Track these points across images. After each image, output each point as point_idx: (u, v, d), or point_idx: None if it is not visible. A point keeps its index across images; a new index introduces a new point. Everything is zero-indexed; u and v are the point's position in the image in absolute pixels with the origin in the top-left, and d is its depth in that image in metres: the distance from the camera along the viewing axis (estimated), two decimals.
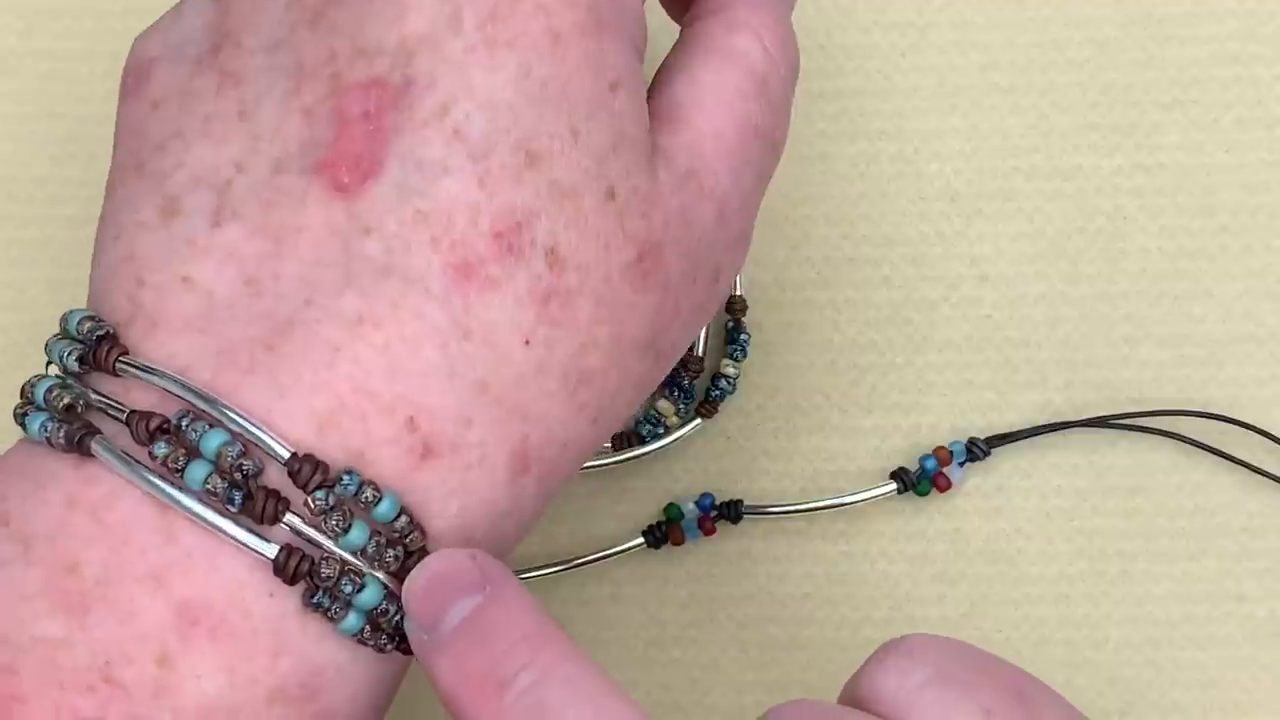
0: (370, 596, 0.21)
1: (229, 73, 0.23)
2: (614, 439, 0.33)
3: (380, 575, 0.21)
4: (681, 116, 0.24)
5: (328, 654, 0.21)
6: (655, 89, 0.25)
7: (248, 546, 0.21)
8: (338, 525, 0.21)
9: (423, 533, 0.21)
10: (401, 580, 0.21)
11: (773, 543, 0.33)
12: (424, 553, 0.21)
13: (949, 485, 0.33)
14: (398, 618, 0.21)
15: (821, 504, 0.33)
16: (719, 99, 0.25)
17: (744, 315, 0.33)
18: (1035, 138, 0.34)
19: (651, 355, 0.24)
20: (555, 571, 0.33)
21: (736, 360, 0.33)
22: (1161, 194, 0.34)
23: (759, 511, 0.33)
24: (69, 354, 0.22)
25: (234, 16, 0.23)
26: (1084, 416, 0.33)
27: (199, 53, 0.23)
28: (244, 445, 0.21)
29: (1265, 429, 0.33)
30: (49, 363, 0.22)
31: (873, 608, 0.33)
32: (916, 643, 0.21)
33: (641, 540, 0.33)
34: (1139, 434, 0.33)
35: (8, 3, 0.35)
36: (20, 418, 0.22)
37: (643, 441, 0.33)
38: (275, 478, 0.21)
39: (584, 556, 0.33)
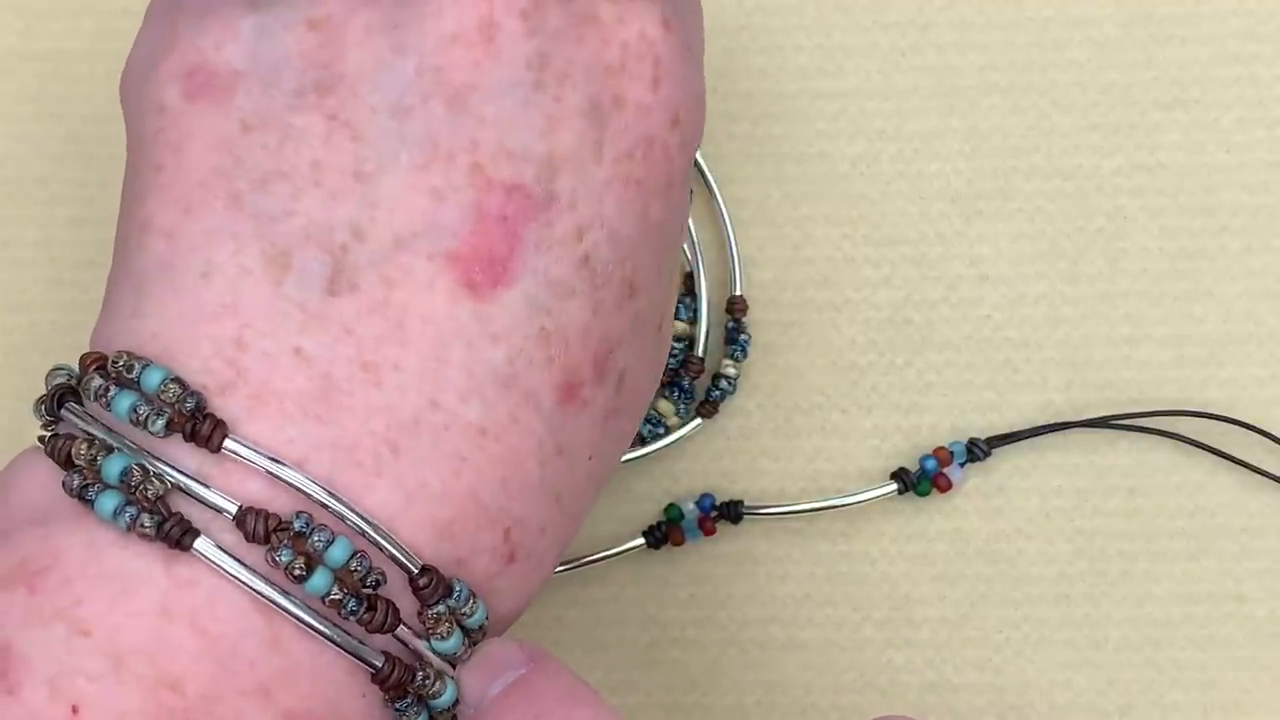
0: (448, 698, 0.21)
1: (342, 122, 0.21)
2: None
3: (458, 675, 0.21)
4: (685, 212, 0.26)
5: None
6: None
7: (357, 656, 0.20)
8: (444, 633, 0.21)
9: (485, 631, 0.22)
10: None
11: (773, 543, 0.33)
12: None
13: (949, 485, 0.33)
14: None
15: (821, 504, 0.33)
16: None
17: (744, 315, 0.33)
18: (1035, 138, 0.34)
19: None
20: (555, 571, 0.33)
21: (736, 360, 0.33)
22: (1161, 194, 0.34)
23: (759, 511, 0.33)
24: (154, 417, 0.19)
25: (347, 60, 0.21)
26: (1084, 416, 0.33)
27: (299, 85, 0.21)
28: (368, 555, 0.20)
29: (1265, 429, 0.33)
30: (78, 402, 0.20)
31: (873, 608, 0.33)
32: None
33: (641, 540, 0.33)
34: (1139, 434, 0.33)
35: (8, 3, 0.35)
36: (81, 492, 0.20)
37: (643, 441, 0.33)
38: (390, 585, 0.20)
39: (584, 556, 0.33)
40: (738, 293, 0.34)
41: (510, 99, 0.21)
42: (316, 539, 0.19)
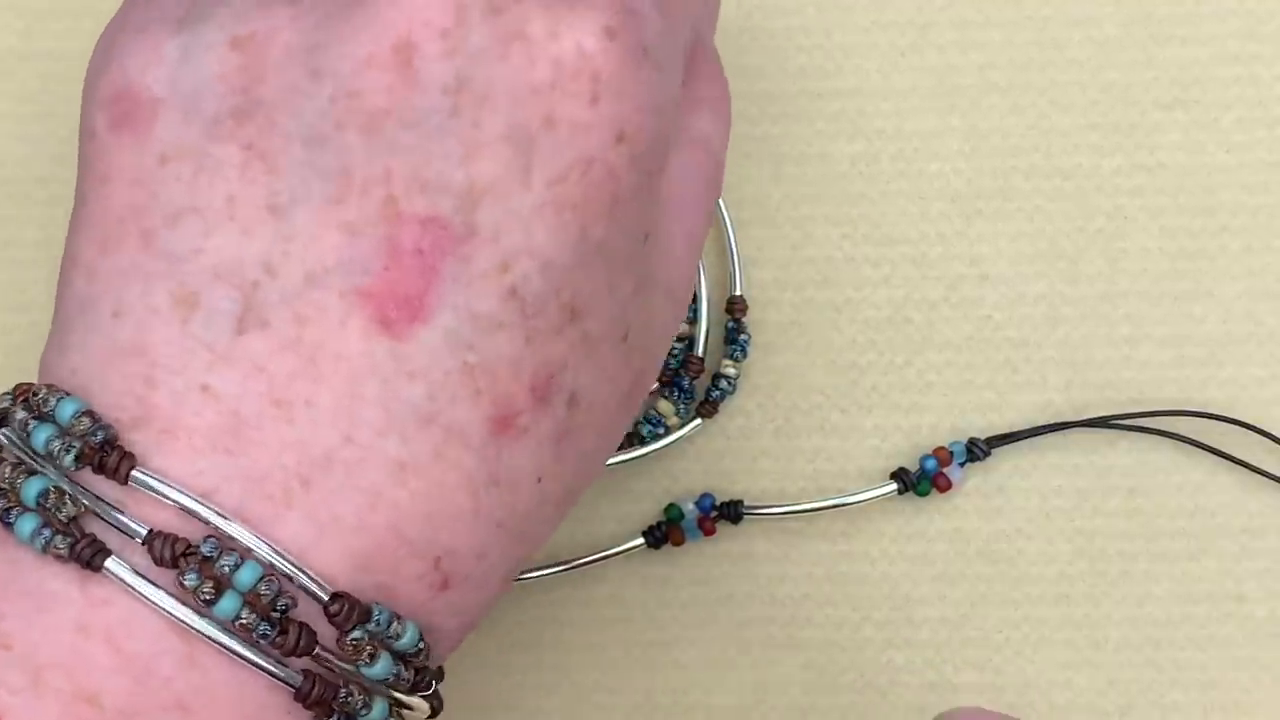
0: (378, 715, 0.21)
1: (258, 153, 0.21)
2: None
3: (396, 696, 0.21)
4: (658, 220, 0.24)
5: None
6: None
7: (275, 676, 0.20)
8: (368, 658, 0.20)
9: (429, 651, 0.22)
10: (410, 694, 0.22)
11: (773, 543, 0.33)
12: (430, 671, 0.22)
13: (949, 485, 0.33)
14: None
15: (821, 504, 0.33)
16: (688, 196, 0.24)
17: (744, 315, 0.33)
18: (1035, 138, 0.34)
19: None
20: (555, 571, 0.33)
21: (736, 360, 0.33)
22: (1161, 194, 0.34)
23: (759, 511, 0.33)
24: (64, 451, 0.20)
25: (266, 85, 0.21)
26: (1084, 416, 0.33)
27: (218, 113, 0.21)
28: (277, 580, 0.20)
29: (1265, 429, 0.33)
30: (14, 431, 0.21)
31: (873, 608, 0.33)
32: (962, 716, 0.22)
33: (641, 540, 0.33)
34: (1139, 434, 0.33)
35: (8, 3, 0.35)
36: (2, 514, 0.20)
37: (643, 441, 0.33)
38: (304, 609, 0.20)
39: (584, 556, 0.33)
40: (738, 293, 0.34)
41: (426, 126, 0.20)
42: (224, 562, 0.20)
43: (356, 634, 0.20)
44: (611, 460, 0.33)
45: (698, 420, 0.33)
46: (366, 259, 0.20)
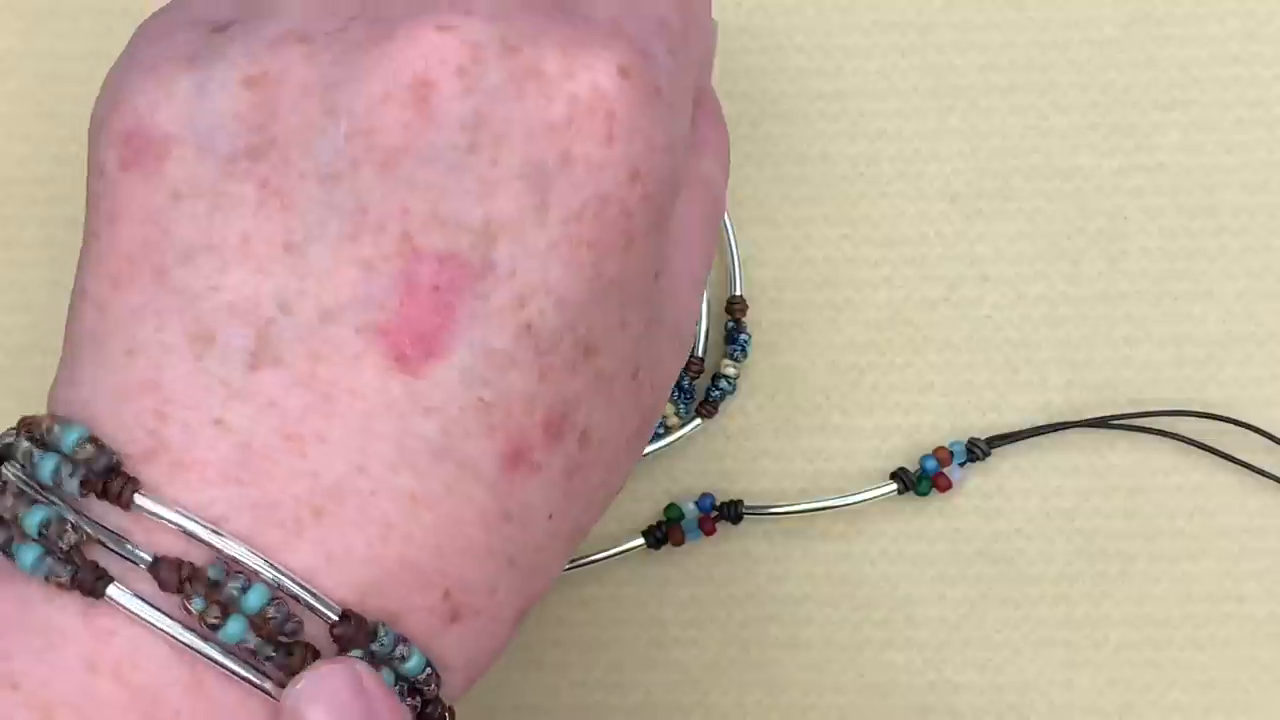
0: None
1: (273, 190, 0.21)
2: None
3: None
4: (667, 258, 0.24)
5: None
6: None
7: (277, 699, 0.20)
8: None
9: (439, 683, 0.22)
10: None
11: (773, 543, 0.33)
12: (438, 701, 0.22)
13: (949, 485, 0.33)
14: None
15: (821, 504, 0.33)
16: (693, 236, 0.24)
17: (744, 315, 0.33)
18: (1035, 138, 0.34)
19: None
20: None
21: (736, 360, 0.33)
22: (1161, 194, 0.34)
23: (759, 512, 0.33)
24: (68, 476, 0.20)
25: (281, 123, 0.21)
26: (1084, 416, 0.33)
27: (233, 150, 0.21)
28: (285, 603, 0.20)
29: (1265, 429, 0.33)
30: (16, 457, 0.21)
31: (873, 608, 0.33)
32: None
33: (641, 540, 0.33)
34: (1139, 434, 0.33)
35: (8, 3, 0.35)
36: (4, 546, 0.20)
37: None
38: (310, 632, 0.20)
39: (584, 556, 0.33)
40: (738, 293, 0.34)
41: (443, 163, 0.20)
42: (231, 586, 0.19)
43: (359, 654, 0.20)
44: None
45: (698, 420, 0.33)
46: (383, 295, 0.20)
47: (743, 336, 0.33)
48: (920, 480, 0.33)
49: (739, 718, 0.33)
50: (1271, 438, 0.33)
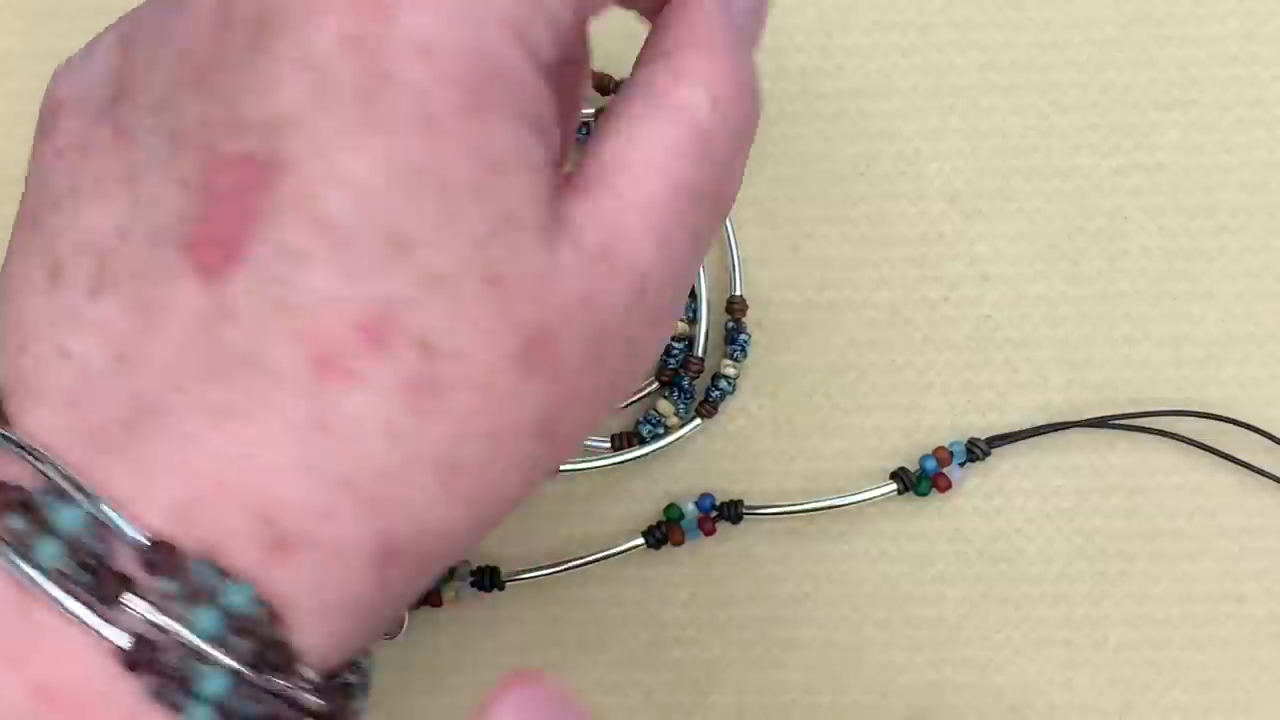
0: (215, 686, 0.20)
1: (122, 130, 0.22)
2: (614, 439, 0.33)
3: (232, 664, 0.20)
4: (606, 183, 0.22)
5: None
6: (589, 144, 0.23)
7: (98, 632, 0.20)
8: (189, 613, 0.20)
9: (279, 623, 0.21)
10: (260, 672, 0.20)
11: (773, 543, 0.33)
12: (283, 645, 0.21)
13: (949, 485, 0.33)
14: (253, 710, 0.20)
15: (821, 504, 0.33)
16: (651, 162, 0.23)
17: (744, 315, 0.33)
18: (1035, 138, 0.34)
19: (545, 442, 0.22)
20: (555, 571, 0.33)
21: (736, 360, 0.33)
22: (1161, 194, 0.34)
23: (759, 512, 0.33)
24: None
25: (132, 66, 0.22)
26: (1084, 416, 0.33)
27: (101, 101, 0.22)
28: (99, 528, 0.20)
29: (1265, 429, 0.33)
30: None
31: (873, 608, 0.33)
32: None
33: (641, 540, 0.33)
34: (1139, 434, 0.33)
35: (8, 3, 0.35)
36: None
37: (643, 441, 0.33)
38: (129, 565, 0.20)
39: (584, 556, 0.33)
40: (737, 293, 0.34)
41: (235, 66, 0.21)
42: (48, 508, 0.20)
43: (170, 581, 0.20)
44: (611, 460, 0.33)
45: (698, 420, 0.33)
46: (195, 209, 0.21)
47: (743, 336, 0.33)
48: (920, 480, 0.33)
49: (739, 718, 0.33)
50: (1271, 438, 0.33)
